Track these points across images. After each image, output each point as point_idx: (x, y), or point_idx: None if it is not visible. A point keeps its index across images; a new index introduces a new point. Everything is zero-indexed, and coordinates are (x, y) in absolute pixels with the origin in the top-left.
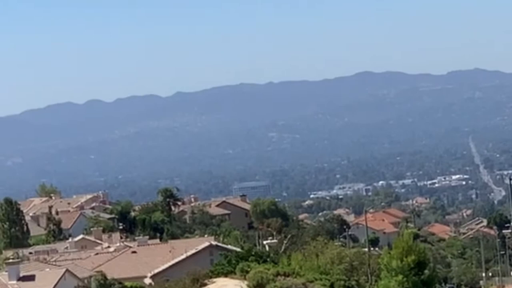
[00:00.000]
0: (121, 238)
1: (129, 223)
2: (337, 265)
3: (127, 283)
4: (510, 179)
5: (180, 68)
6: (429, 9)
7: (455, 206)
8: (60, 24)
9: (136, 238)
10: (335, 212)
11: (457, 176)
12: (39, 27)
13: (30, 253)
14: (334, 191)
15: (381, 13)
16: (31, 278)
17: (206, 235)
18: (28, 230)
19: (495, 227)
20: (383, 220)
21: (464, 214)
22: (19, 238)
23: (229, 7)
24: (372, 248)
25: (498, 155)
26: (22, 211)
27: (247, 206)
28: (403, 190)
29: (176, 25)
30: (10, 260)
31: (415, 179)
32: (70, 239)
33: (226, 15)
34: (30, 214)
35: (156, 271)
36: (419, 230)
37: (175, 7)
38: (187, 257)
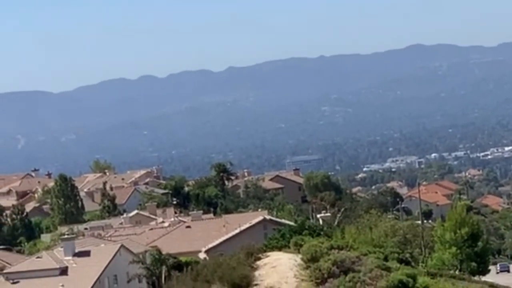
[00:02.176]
0: (175, 213)
1: (183, 198)
2: (391, 238)
3: (181, 258)
4: None
5: (232, 42)
6: None
7: (508, 177)
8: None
9: (190, 213)
10: (388, 185)
11: (510, 147)
12: (92, 3)
13: (85, 229)
14: (387, 164)
15: None
16: (86, 253)
17: (259, 209)
18: (82, 206)
19: None
20: (436, 192)
21: None
22: (74, 214)
23: None
24: (425, 221)
25: None
26: (76, 187)
27: (300, 180)
28: (455, 162)
29: (228, 0)
30: (66, 236)
31: (468, 151)
32: (124, 215)
33: None
34: (85, 190)
35: (210, 245)
36: (472, 202)
37: None
38: (241, 232)
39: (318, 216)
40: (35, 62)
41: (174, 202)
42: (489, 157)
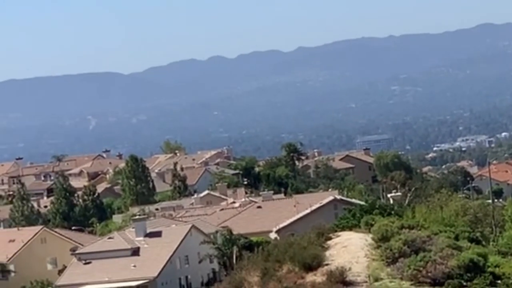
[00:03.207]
0: (246, 193)
1: (253, 178)
2: (462, 217)
3: (252, 238)
4: None
5: (301, 22)
6: None
7: None
8: None
9: (261, 193)
10: (459, 164)
11: None
12: None
13: (156, 209)
14: (457, 143)
15: None
16: (157, 234)
17: (330, 189)
18: (153, 187)
19: None
20: (506, 171)
21: None
22: (145, 195)
23: None
24: (496, 200)
25: None
26: (147, 168)
27: (370, 160)
28: None
29: None
30: (137, 217)
31: None
32: (195, 195)
33: None
34: (156, 171)
35: (281, 225)
36: None
37: None
38: (312, 212)
39: (389, 195)
40: (106, 43)
41: (245, 183)
42: None
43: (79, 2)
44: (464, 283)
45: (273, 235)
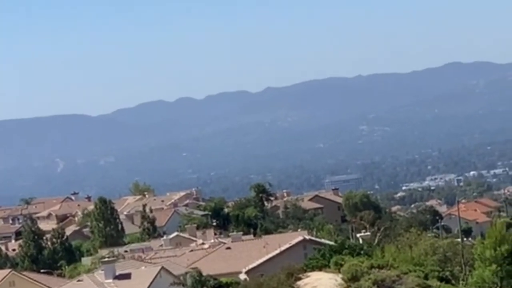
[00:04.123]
0: (215, 234)
1: (222, 219)
2: (431, 256)
3: (222, 279)
4: None
5: (269, 63)
6: None
7: None
8: (149, 22)
9: (230, 234)
10: (428, 203)
11: None
12: (129, 26)
13: (126, 251)
14: (426, 182)
15: (467, 3)
16: (127, 276)
17: (299, 230)
18: (122, 229)
19: None
20: (475, 210)
21: None
22: (114, 237)
23: (315, 1)
24: (465, 239)
25: None
26: (116, 210)
27: (339, 200)
28: (494, 180)
29: (265, 21)
30: (106, 259)
31: (507, 168)
32: (164, 237)
33: (313, 10)
34: (125, 213)
35: (251, 266)
36: (511, 219)
37: (265, 2)
38: (281, 252)
39: (358, 235)
40: (74, 86)
41: (214, 224)
42: None
43: (48, 44)
44: None
45: (242, 276)
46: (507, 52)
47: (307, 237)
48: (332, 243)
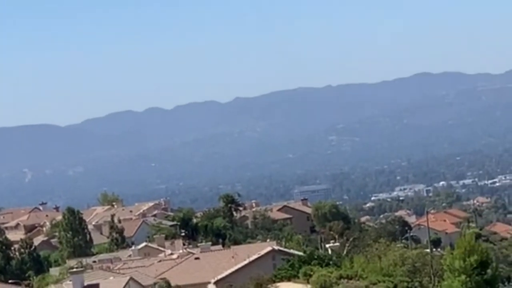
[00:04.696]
0: (184, 245)
1: (191, 229)
2: (400, 266)
3: None
4: None
5: (238, 73)
6: (487, 8)
7: None
8: (118, 33)
9: (199, 244)
10: (397, 213)
11: None
12: (97, 37)
13: (94, 261)
14: (395, 192)
15: (437, 13)
16: (95, 287)
17: (268, 240)
18: (91, 239)
19: None
20: (444, 220)
21: None
22: (82, 247)
23: (290, 11)
24: (434, 249)
25: None
26: (84, 220)
27: (308, 210)
28: (464, 190)
29: (233, 31)
30: (74, 269)
31: (476, 179)
32: (133, 247)
33: (282, 20)
34: (93, 223)
35: (220, 277)
36: (481, 229)
37: (234, 14)
38: (250, 262)
39: (327, 246)
40: (42, 95)
41: (183, 234)
42: (497, 184)
43: (16, 53)
44: None
45: (211, 287)
46: (477, 63)
47: (276, 247)
48: (301, 253)
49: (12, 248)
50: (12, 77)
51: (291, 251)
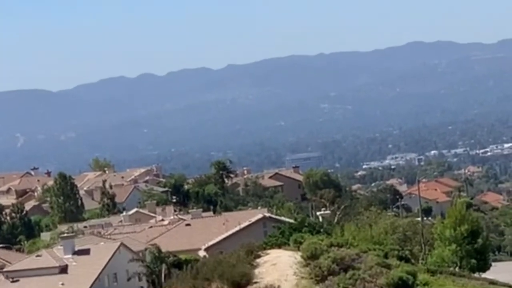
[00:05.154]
0: (175, 211)
1: (182, 196)
2: (391, 235)
3: (181, 256)
4: None
5: (231, 40)
6: None
7: (507, 174)
8: None
9: (190, 211)
10: (388, 182)
11: (510, 144)
12: (92, 2)
13: (85, 227)
14: (387, 161)
15: None
16: (86, 252)
17: (259, 207)
18: (82, 205)
19: None
20: (435, 189)
21: None
22: (73, 213)
23: None
24: (425, 218)
25: None
26: (76, 186)
27: (299, 178)
28: (455, 159)
29: None
30: (65, 235)
31: (467, 148)
32: (124, 213)
33: None
34: (84, 189)
35: (210, 243)
36: (471, 199)
37: None
38: (241, 229)
39: (318, 213)
40: (34, 61)
41: (174, 200)
42: (489, 154)
43: (8, 19)
44: None
45: (202, 253)
46: (470, 32)
47: (267, 214)
48: (292, 221)
49: (3, 212)
50: (3, 42)
51: (282, 218)
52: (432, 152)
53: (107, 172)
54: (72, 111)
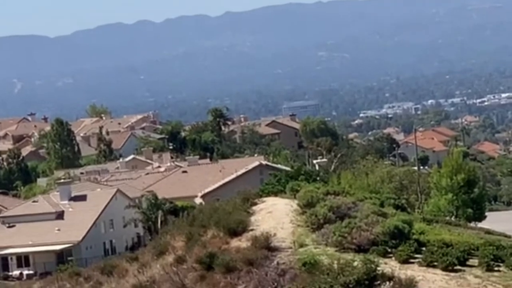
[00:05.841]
0: (172, 158)
1: (179, 143)
2: (387, 183)
3: (177, 203)
4: None
5: None
6: None
7: (504, 124)
8: None
9: (187, 158)
10: (385, 131)
11: (507, 94)
12: None
13: (82, 173)
14: (384, 110)
15: None
16: (82, 198)
17: (256, 155)
18: (79, 151)
19: None
20: (432, 138)
21: None
22: (70, 159)
23: None
24: (421, 167)
25: None
26: (73, 132)
27: (296, 126)
28: (452, 109)
29: None
30: (62, 180)
31: (465, 98)
32: (120, 159)
33: None
34: (81, 135)
35: (207, 190)
36: (468, 148)
37: None
38: (237, 177)
39: (315, 161)
40: (31, 6)
41: (171, 147)
42: (486, 103)
43: None
44: (389, 250)
45: (198, 200)
46: None
47: (264, 162)
48: (288, 168)
49: (0, 158)
50: None
51: (279, 166)
52: (429, 101)
53: (104, 118)
54: (70, 57)
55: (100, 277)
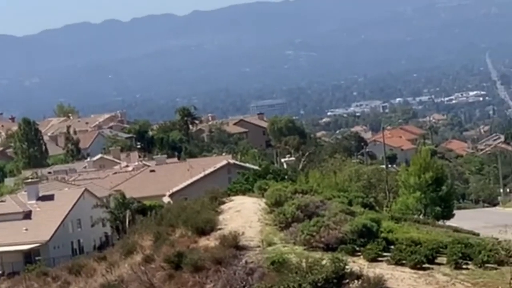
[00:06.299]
0: (139, 157)
1: (147, 142)
2: (355, 182)
3: (145, 202)
4: None
5: None
6: None
7: (472, 122)
8: None
9: (154, 157)
10: (352, 129)
11: (474, 92)
12: None
13: (49, 172)
14: (351, 108)
15: None
16: (50, 197)
17: (223, 154)
18: (46, 150)
19: None
20: (400, 137)
21: (482, 130)
22: (37, 158)
23: None
24: (389, 165)
25: None
26: (40, 131)
27: (264, 124)
28: (420, 107)
29: None
30: (29, 180)
31: (432, 96)
32: (88, 159)
33: None
34: (49, 134)
35: (175, 189)
36: (436, 146)
37: None
38: (205, 176)
39: (283, 160)
40: None
41: (138, 146)
42: (454, 101)
43: None
44: (357, 248)
45: (166, 199)
46: None
47: (231, 161)
48: (256, 167)
49: None
50: None
51: (247, 165)
52: (397, 99)
53: (71, 117)
54: (37, 56)
55: (68, 276)
